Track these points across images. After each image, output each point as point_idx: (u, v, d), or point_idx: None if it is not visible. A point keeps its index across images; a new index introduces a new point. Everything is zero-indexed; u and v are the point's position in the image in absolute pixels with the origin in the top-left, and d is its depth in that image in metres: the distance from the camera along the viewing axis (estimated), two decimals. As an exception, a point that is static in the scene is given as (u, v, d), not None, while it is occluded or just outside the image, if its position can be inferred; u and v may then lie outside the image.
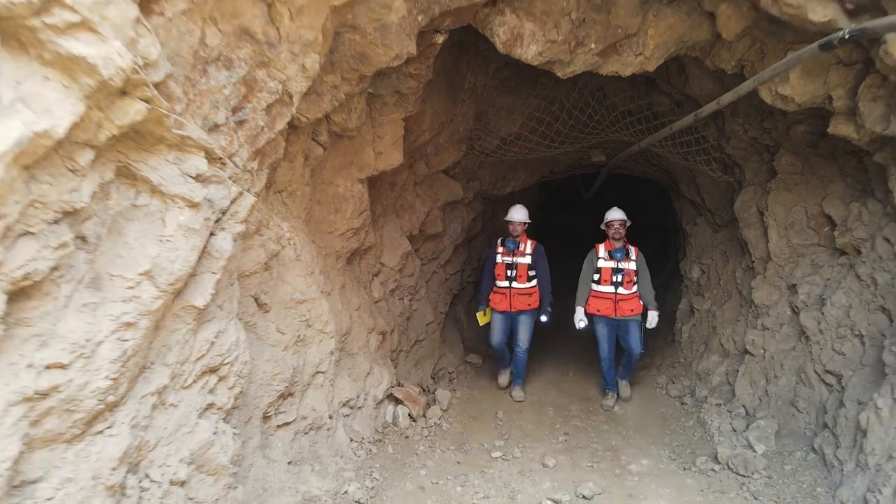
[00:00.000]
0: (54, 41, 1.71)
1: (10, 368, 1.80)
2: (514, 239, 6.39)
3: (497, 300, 6.44)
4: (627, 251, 6.18)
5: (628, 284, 6.10)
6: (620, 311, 6.09)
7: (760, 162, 6.04)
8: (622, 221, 6.19)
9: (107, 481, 2.08)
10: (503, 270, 6.38)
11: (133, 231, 2.29)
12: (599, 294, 6.19)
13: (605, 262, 6.19)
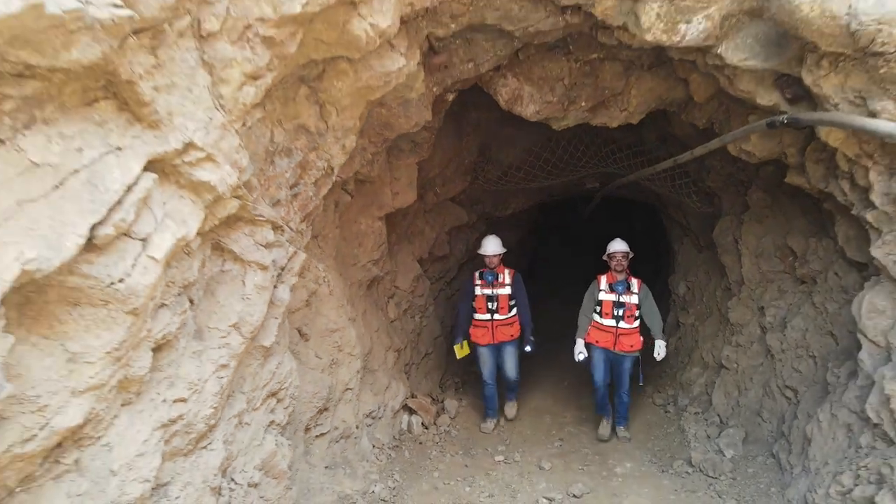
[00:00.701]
0: (189, 172, 2.40)
1: (151, 403, 2.49)
2: (491, 270, 6.28)
3: (479, 334, 6.30)
4: (629, 284, 6.03)
5: (630, 319, 5.94)
6: (620, 345, 5.96)
7: (736, 194, 6.72)
8: (625, 253, 6.03)
9: (211, 484, 2.78)
10: (483, 303, 6.24)
11: (222, 291, 2.99)
12: (601, 326, 6.04)
13: (606, 294, 6.03)
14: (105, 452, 2.26)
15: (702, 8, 3.52)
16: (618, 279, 6.01)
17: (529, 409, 6.97)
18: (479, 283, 6.31)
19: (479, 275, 6.35)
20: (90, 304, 2.08)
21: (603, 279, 6.15)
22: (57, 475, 2.11)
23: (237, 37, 2.46)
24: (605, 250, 6.16)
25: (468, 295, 6.39)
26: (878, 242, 3.60)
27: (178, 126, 2.30)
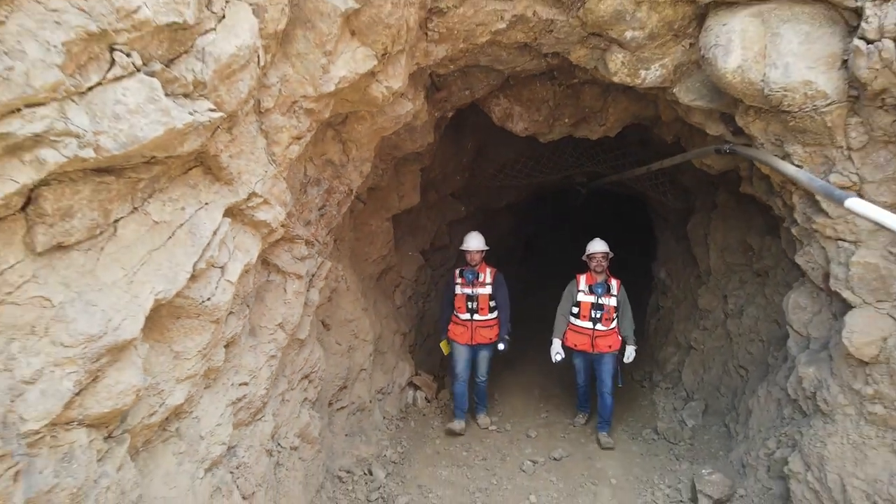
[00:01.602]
0: (251, 213, 3.17)
1: (223, 387, 3.30)
2: (472, 269, 6.19)
3: (458, 332, 6.22)
4: (609, 286, 5.99)
5: (607, 321, 5.91)
6: (598, 347, 5.97)
7: (707, 193, 7.47)
8: (605, 254, 5.98)
9: (266, 447, 3.61)
10: (463, 302, 6.15)
11: (269, 297, 3.78)
12: (577, 328, 6.01)
13: (584, 296, 5.99)
14: (195, 423, 3.07)
15: (657, 59, 4.25)
16: (597, 280, 5.98)
17: (520, 383, 7.81)
18: (460, 281, 6.23)
19: (460, 272, 6.27)
20: (188, 317, 2.87)
21: (582, 279, 6.10)
22: (165, 439, 2.92)
23: (286, 109, 3.21)
24: (599, 239, 6.20)
25: (449, 293, 6.33)
26: (800, 252, 4.37)
27: (244, 181, 3.06)
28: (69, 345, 2.16)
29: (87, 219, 2.31)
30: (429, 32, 3.86)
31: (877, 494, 3.44)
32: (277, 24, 2.92)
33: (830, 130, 3.56)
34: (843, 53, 3.40)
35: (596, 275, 6.01)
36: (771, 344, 5.59)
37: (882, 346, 3.50)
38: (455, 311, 6.26)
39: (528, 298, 10.78)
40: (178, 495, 2.88)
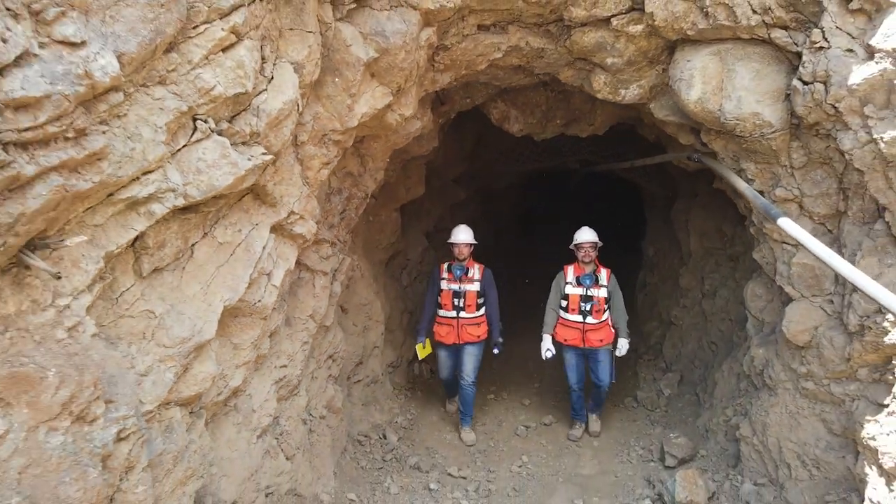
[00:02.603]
0: (290, 228, 3.84)
1: (268, 369, 4.01)
2: (460, 264, 5.92)
3: (443, 332, 5.98)
4: (597, 277, 5.79)
5: (597, 314, 5.74)
6: (589, 341, 5.75)
7: (689, 182, 8.09)
8: (593, 244, 5.76)
9: (301, 417, 4.34)
10: (449, 299, 5.89)
11: (301, 292, 4.47)
12: (567, 323, 5.83)
13: (572, 288, 5.80)
14: (249, 399, 3.79)
15: (635, 80, 4.85)
16: (585, 271, 5.80)
17: (517, 355, 8.53)
18: (446, 276, 5.96)
19: (447, 267, 6.00)
20: (244, 316, 3.56)
21: (570, 270, 5.91)
22: (227, 413, 3.64)
23: (318, 141, 3.85)
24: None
25: (434, 289, 6.06)
26: (756, 249, 5.05)
27: (285, 202, 3.72)
28: (169, 346, 2.86)
29: (174, 247, 2.98)
30: (435, 64, 4.46)
31: (805, 455, 4.19)
32: (312, 76, 3.55)
33: (776, 152, 4.20)
34: (787, 89, 4.02)
35: (584, 265, 5.80)
36: (737, 324, 6.29)
37: (814, 333, 4.20)
38: (439, 308, 5.98)
39: (526, 271, 11.54)
40: (238, 456, 3.61)
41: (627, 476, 5.33)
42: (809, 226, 4.30)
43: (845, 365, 3.94)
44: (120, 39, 2.34)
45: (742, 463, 4.76)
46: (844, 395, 4.00)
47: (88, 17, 2.24)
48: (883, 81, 3.42)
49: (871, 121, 3.53)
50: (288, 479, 4.02)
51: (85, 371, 2.26)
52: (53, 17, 2.07)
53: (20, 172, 1.94)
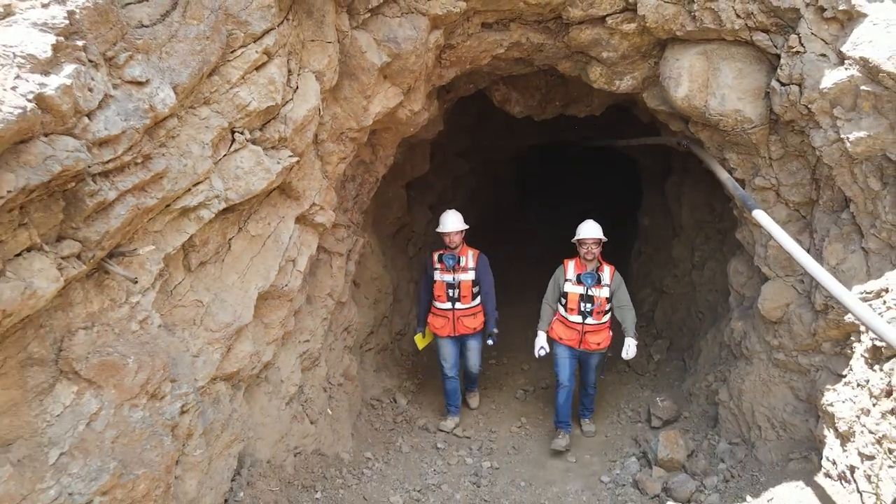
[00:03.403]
0: (312, 218, 4.23)
1: (293, 344, 4.46)
2: (452, 253, 5.56)
3: (439, 324, 5.73)
4: (599, 276, 5.34)
5: (598, 315, 5.36)
6: (586, 343, 5.43)
7: (682, 158, 8.43)
8: (597, 241, 5.28)
9: (323, 385, 4.82)
10: (444, 290, 5.61)
11: (320, 273, 4.89)
12: (565, 322, 5.47)
13: (572, 286, 5.36)
14: (277, 371, 4.25)
15: (629, 72, 5.17)
16: (587, 269, 5.36)
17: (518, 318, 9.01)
18: (439, 266, 5.65)
19: (439, 257, 5.67)
20: (273, 299, 3.99)
21: (570, 266, 5.46)
22: (259, 384, 4.10)
23: (336, 139, 4.22)
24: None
25: (428, 279, 5.80)
26: (738, 230, 5.44)
27: (307, 196, 4.11)
28: (215, 330, 3.29)
29: (216, 242, 3.40)
30: (442, 61, 4.78)
31: (774, 418, 4.67)
32: (332, 82, 3.90)
33: (756, 145, 4.56)
34: (767, 87, 4.35)
35: (586, 262, 5.35)
36: (722, 295, 6.73)
37: (785, 310, 4.63)
38: (434, 300, 5.73)
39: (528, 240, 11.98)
40: (270, 422, 4.09)
41: (616, 436, 5.84)
42: (785, 212, 4.70)
43: (811, 339, 4.38)
44: (174, 72, 2.71)
45: (720, 424, 5.26)
46: (810, 365, 4.46)
47: (149, 55, 2.60)
48: (851, 86, 3.77)
49: (839, 121, 3.89)
50: (313, 441, 4.51)
51: (156, 356, 2.70)
52: (124, 61, 2.44)
53: (105, 198, 2.34)
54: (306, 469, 4.30)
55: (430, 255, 5.83)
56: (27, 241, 2.10)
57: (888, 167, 3.78)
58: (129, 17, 2.57)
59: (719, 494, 4.40)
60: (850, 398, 3.88)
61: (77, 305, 2.44)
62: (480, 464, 5.27)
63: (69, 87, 2.07)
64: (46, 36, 2.06)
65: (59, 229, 2.27)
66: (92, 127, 2.24)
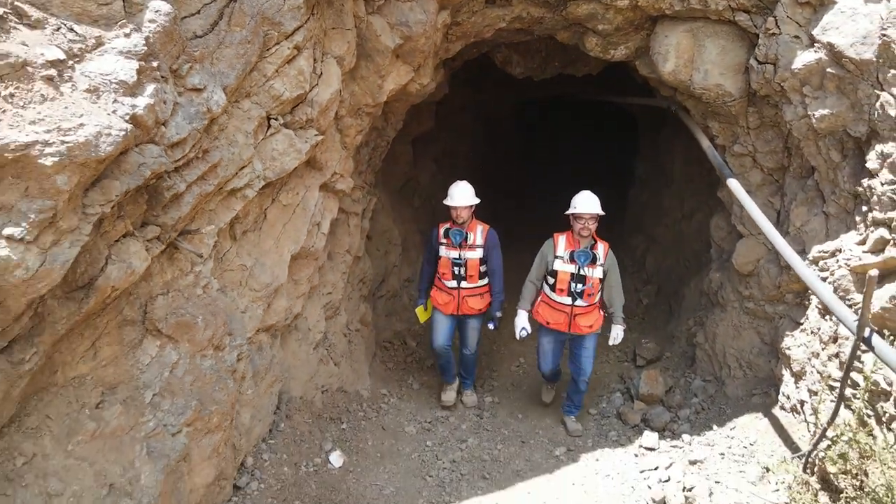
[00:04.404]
0: (333, 185, 4.73)
1: (317, 297, 5.03)
2: (459, 228, 5.14)
3: (442, 301, 5.36)
4: (594, 254, 4.83)
5: (590, 296, 4.88)
6: (576, 327, 4.96)
7: (676, 111, 8.81)
8: (594, 216, 4.75)
9: (343, 332, 5.43)
10: (449, 268, 5.23)
11: (339, 231, 5.41)
12: (552, 304, 4.97)
13: (563, 264, 4.84)
14: (305, 321, 4.84)
15: (623, 43, 5.55)
16: (581, 246, 4.84)
17: (517, 263, 9.61)
18: (444, 241, 5.24)
19: (445, 232, 5.24)
20: (301, 258, 4.53)
21: (561, 241, 4.92)
22: (290, 332, 4.69)
23: (354, 114, 4.66)
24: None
25: (431, 252, 5.40)
26: (719, 189, 5.93)
27: (329, 166, 4.59)
28: (257, 290, 3.85)
29: (255, 214, 3.91)
30: (448, 37, 5.15)
31: (742, 359, 5.30)
32: (350, 65, 4.32)
33: (735, 116, 5.01)
34: (747, 63, 4.76)
35: (580, 239, 4.83)
36: (706, 247, 7.27)
37: (756, 265, 5.18)
38: (439, 276, 5.39)
39: (530, 185, 12.47)
40: (301, 364, 4.71)
41: (605, 374, 6.51)
42: (760, 176, 5.19)
43: (776, 291, 4.95)
44: (223, 75, 3.17)
45: (696, 364, 5.91)
46: (774, 313, 5.04)
47: (203, 63, 3.05)
48: (818, 68, 4.19)
49: (807, 99, 4.33)
50: (336, 380, 5.15)
51: (217, 315, 3.27)
52: (186, 72, 2.90)
53: (178, 190, 2.85)
54: (332, 404, 4.95)
55: (435, 228, 5.35)
56: (123, 230, 2.62)
57: (848, 141, 4.25)
58: (186, 30, 3.00)
59: (690, 424, 5.08)
60: (805, 343, 4.49)
61: (155, 276, 2.98)
62: (483, 398, 5.94)
63: (152, 105, 2.54)
64: (131, 62, 2.52)
65: (144, 217, 2.79)
66: (167, 133, 2.73)
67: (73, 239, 2.22)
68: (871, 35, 3.89)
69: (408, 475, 4.50)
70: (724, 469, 4.24)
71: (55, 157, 2.08)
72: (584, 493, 4.27)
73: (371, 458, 4.57)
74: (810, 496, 3.55)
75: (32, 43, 2.28)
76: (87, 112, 2.26)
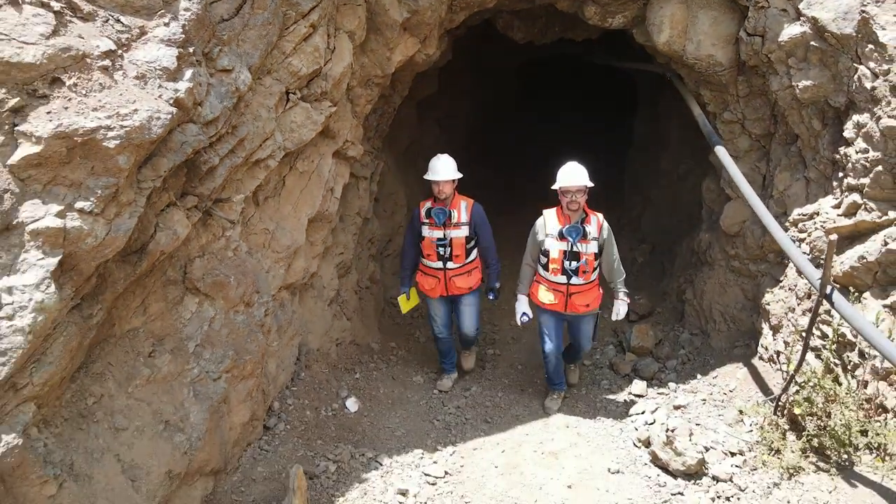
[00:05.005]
0: (345, 152, 5.02)
1: (331, 256, 5.38)
2: (441, 207, 4.86)
3: (429, 285, 5.10)
4: (585, 229, 4.57)
5: (585, 273, 4.65)
6: (573, 306, 4.75)
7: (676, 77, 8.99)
8: (582, 189, 4.49)
9: (354, 289, 5.80)
10: (433, 249, 4.95)
11: (349, 194, 5.73)
12: (547, 283, 4.77)
13: (554, 241, 4.61)
14: (320, 279, 5.20)
15: (620, 11, 5.75)
16: (571, 221, 4.59)
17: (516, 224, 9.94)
18: (427, 221, 4.95)
19: (427, 212, 4.95)
20: (317, 221, 4.86)
21: (551, 218, 4.68)
22: (307, 290, 5.06)
23: (364, 84, 4.92)
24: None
25: (413, 233, 5.10)
26: (711, 154, 6.20)
27: (341, 134, 4.88)
28: (279, 251, 4.20)
29: (275, 181, 4.23)
30: (453, 8, 5.35)
31: (726, 313, 5.68)
32: (361, 39, 4.57)
33: (725, 84, 5.26)
34: (737, 34, 4.99)
35: (570, 213, 4.59)
36: (699, 207, 7.60)
37: (741, 226, 5.51)
38: (423, 259, 5.10)
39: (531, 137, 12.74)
40: (316, 318, 5.09)
41: (600, 328, 6.88)
42: (748, 142, 5.49)
43: (759, 251, 5.30)
44: (248, 56, 3.45)
45: (685, 319, 6.30)
46: (757, 272, 5.40)
47: (230, 46, 3.33)
48: (803, 41, 4.44)
49: (792, 70, 4.59)
50: (349, 334, 5.55)
51: (246, 275, 3.62)
52: (216, 55, 3.19)
53: (213, 164, 3.17)
54: (346, 356, 5.36)
55: (416, 208, 5.08)
56: (167, 200, 2.96)
57: (828, 111, 4.53)
58: (214, 15, 3.26)
59: (676, 373, 5.50)
60: (783, 299, 4.86)
61: (193, 241, 3.33)
62: (485, 351, 6.36)
63: (191, 88, 2.84)
64: (171, 50, 2.80)
65: (183, 188, 3.12)
66: (203, 112, 3.03)
67: (132, 210, 2.56)
68: (852, 11, 4.14)
69: (417, 419, 4.93)
70: (705, 413, 4.66)
71: (116, 140, 2.40)
72: (577, 435, 4.69)
73: (383, 404, 5.00)
74: (778, 434, 3.97)
75: (87, 35, 2.57)
76: (139, 98, 2.56)
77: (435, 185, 4.84)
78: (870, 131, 4.02)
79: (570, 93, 14.89)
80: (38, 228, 2.26)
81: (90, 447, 2.59)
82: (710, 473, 3.89)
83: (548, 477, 4.06)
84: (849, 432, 3.63)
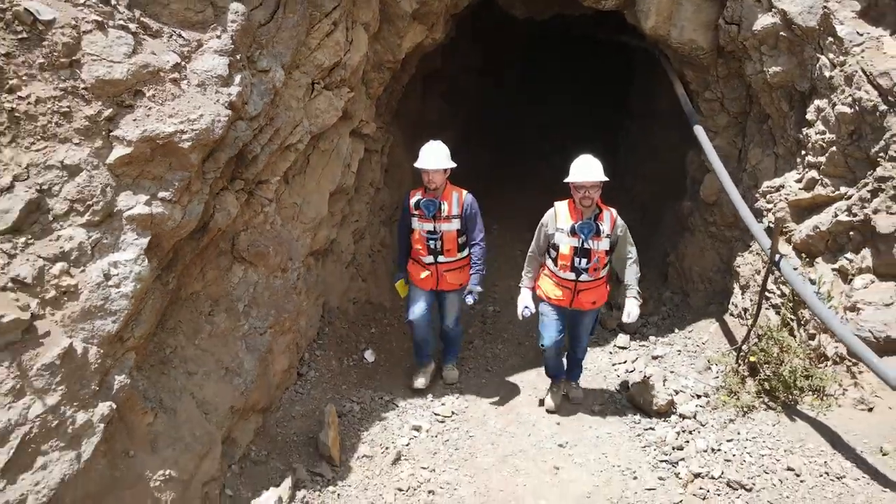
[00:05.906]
0: (360, 130, 5.55)
1: (347, 224, 5.96)
2: (432, 198, 4.64)
3: (418, 275, 4.88)
4: (598, 226, 4.38)
5: (595, 271, 4.46)
6: (579, 302, 4.57)
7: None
8: (596, 185, 4.31)
9: (368, 253, 6.40)
10: (423, 243, 4.74)
11: (363, 168, 6.26)
12: (555, 278, 4.55)
13: (565, 237, 4.40)
14: (338, 245, 5.79)
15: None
16: (584, 217, 4.38)
17: (510, 239, 10.50)
18: (416, 213, 4.74)
19: (416, 203, 4.73)
20: (336, 194, 5.42)
21: (563, 211, 4.47)
22: (327, 255, 5.65)
23: (377, 68, 5.42)
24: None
25: (405, 225, 4.90)
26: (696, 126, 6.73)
27: (357, 115, 5.41)
28: (306, 223, 4.79)
29: (301, 160, 4.78)
30: (458, -6, 5.82)
31: (704, 275, 6.30)
32: (374, 28, 5.06)
33: (706, 66, 5.76)
34: (717, 21, 5.46)
35: (583, 209, 4.38)
36: (685, 177, 8.14)
37: (718, 195, 6.07)
38: (414, 251, 4.89)
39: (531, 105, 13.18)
40: (336, 280, 5.71)
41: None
42: (726, 119, 6.01)
43: (733, 218, 5.86)
44: (281, 55, 3.97)
45: (668, 280, 6.93)
46: (731, 237, 6.00)
47: (267, 48, 3.85)
48: (774, 31, 4.93)
49: (764, 57, 5.09)
50: (364, 294, 6.18)
51: (282, 245, 4.22)
52: (257, 58, 3.72)
53: (256, 153, 3.74)
54: (362, 314, 6.00)
55: (406, 197, 4.89)
56: (221, 185, 3.54)
57: (795, 95, 5.05)
58: (253, 21, 3.77)
59: (657, 328, 6.15)
60: (751, 262, 5.47)
61: (238, 218, 3.91)
62: (486, 308, 7.00)
63: (241, 91, 3.39)
64: (224, 59, 3.34)
65: (232, 174, 3.69)
66: (248, 109, 3.58)
67: (200, 198, 3.14)
68: (816, 6, 4.64)
69: (426, 369, 5.60)
70: (679, 362, 5.33)
71: (189, 142, 2.97)
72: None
73: (396, 355, 5.67)
74: (738, 379, 4.63)
75: (158, 51, 3.11)
76: (202, 104, 3.12)
77: (425, 175, 4.62)
78: (827, 115, 4.57)
79: (571, 63, 15.17)
80: (133, 215, 2.84)
81: (172, 387, 3.23)
82: (677, 412, 4.57)
83: (539, 415, 4.74)
84: (794, 377, 4.28)
